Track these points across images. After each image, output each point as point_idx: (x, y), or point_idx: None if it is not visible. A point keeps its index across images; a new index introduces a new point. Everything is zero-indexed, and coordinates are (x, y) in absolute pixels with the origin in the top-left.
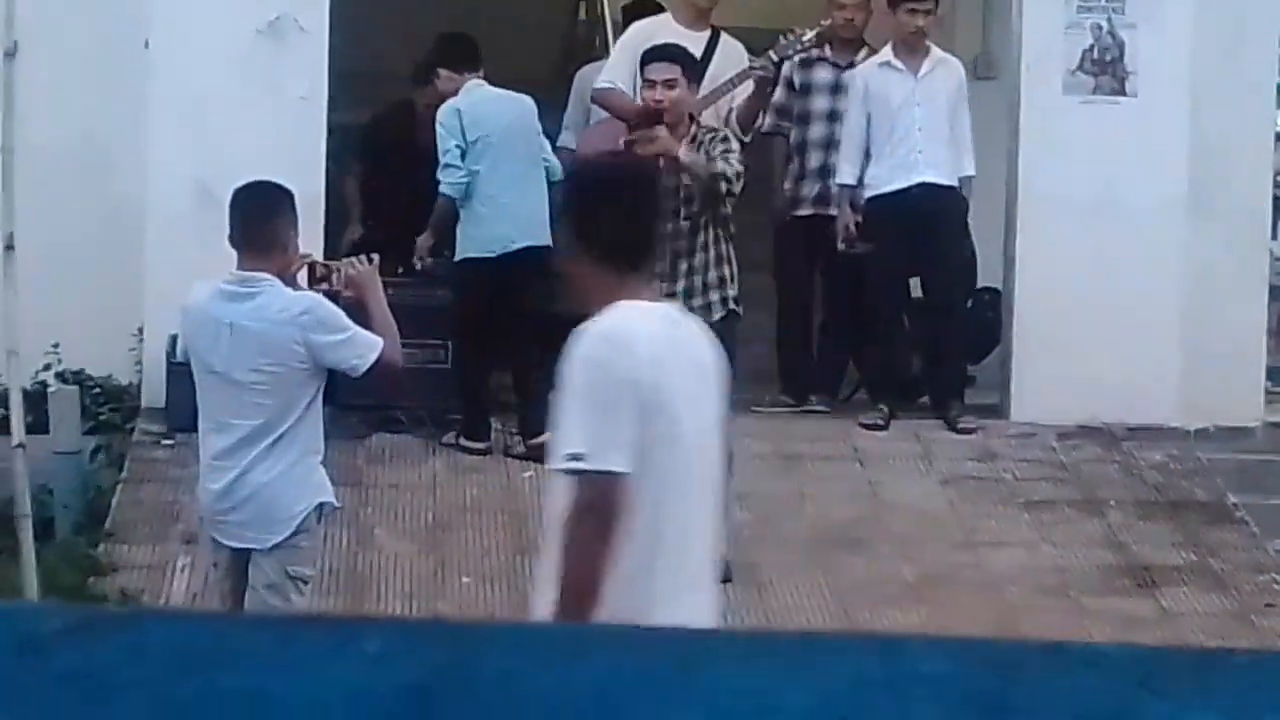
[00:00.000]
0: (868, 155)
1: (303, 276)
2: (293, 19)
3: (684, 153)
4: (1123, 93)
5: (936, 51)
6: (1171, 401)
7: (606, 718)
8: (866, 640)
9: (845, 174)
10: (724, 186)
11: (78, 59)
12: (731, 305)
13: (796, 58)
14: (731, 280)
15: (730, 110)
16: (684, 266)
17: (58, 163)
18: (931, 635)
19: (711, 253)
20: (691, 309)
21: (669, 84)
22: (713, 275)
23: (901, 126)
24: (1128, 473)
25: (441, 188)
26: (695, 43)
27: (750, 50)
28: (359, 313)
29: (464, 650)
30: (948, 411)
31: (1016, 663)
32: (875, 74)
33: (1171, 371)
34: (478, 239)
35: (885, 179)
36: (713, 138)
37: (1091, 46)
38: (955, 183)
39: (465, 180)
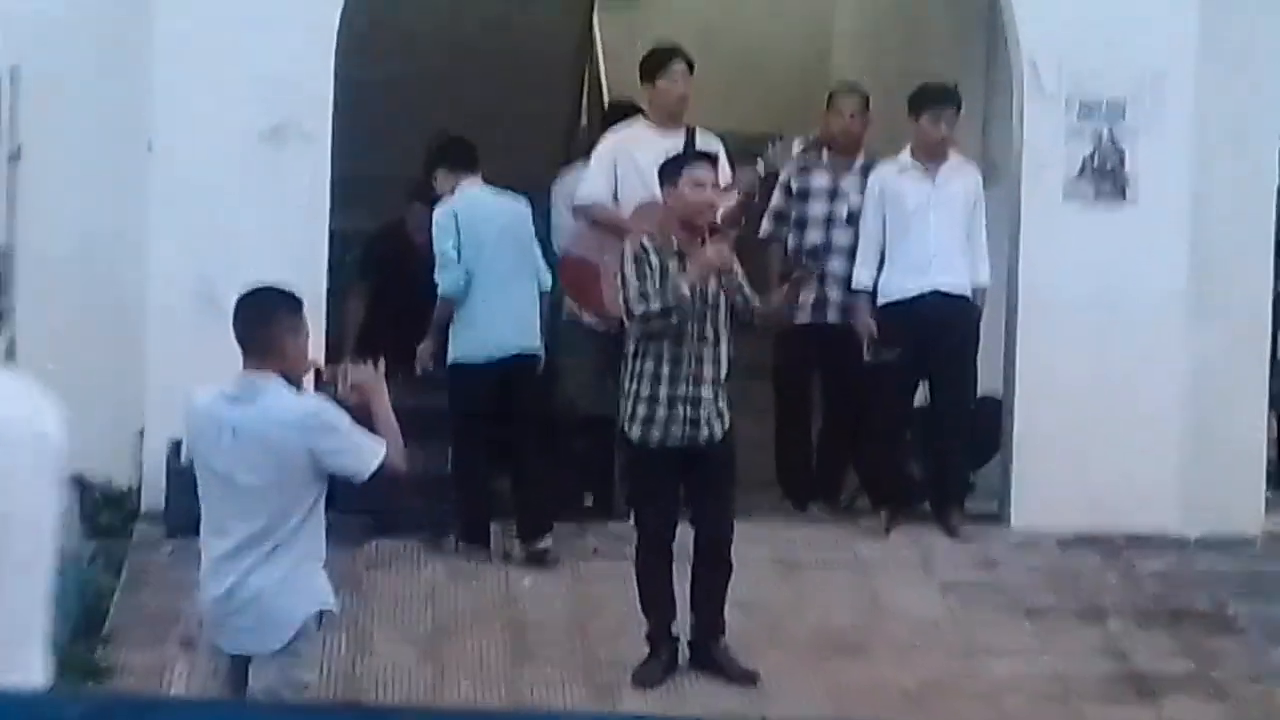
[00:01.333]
0: (881, 259)
1: (308, 382)
2: (296, 123)
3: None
4: (1123, 198)
5: (955, 157)
6: (1172, 509)
7: None
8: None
9: (863, 278)
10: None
11: (81, 160)
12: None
13: (794, 163)
14: None
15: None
16: (709, 373)
17: (59, 264)
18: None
19: (724, 369)
20: (708, 418)
21: (715, 186)
22: (723, 393)
23: (916, 230)
24: (1128, 581)
25: (441, 289)
26: (672, 145)
27: (734, 152)
28: (363, 417)
29: None
30: (949, 519)
31: None
32: (892, 177)
33: (1172, 478)
34: (470, 343)
35: (898, 284)
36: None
37: (1092, 154)
38: (969, 290)
39: (464, 280)
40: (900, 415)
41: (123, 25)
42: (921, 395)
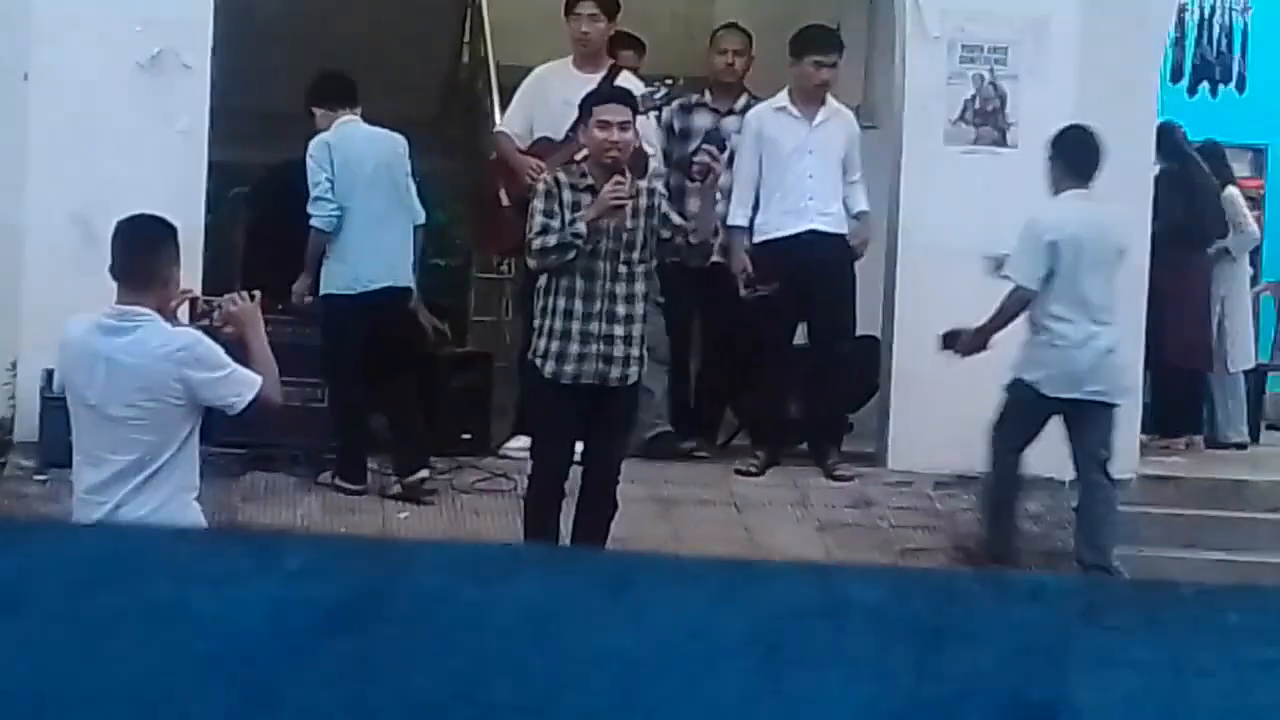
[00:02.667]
0: (756, 200)
1: (183, 312)
2: (175, 54)
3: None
4: (1004, 143)
5: (832, 102)
6: (1047, 452)
7: (537, 637)
8: (802, 567)
9: (738, 216)
10: (679, 239)
11: None
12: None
13: (676, 103)
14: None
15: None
16: (621, 312)
17: None
18: (868, 565)
19: (640, 308)
20: (622, 358)
21: (624, 126)
22: (636, 332)
23: (793, 173)
24: None
25: (312, 221)
26: (588, 84)
27: None
28: (239, 349)
29: (388, 569)
30: (825, 459)
31: (956, 592)
32: (770, 118)
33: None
34: (340, 276)
35: (774, 224)
36: (652, 190)
37: (973, 97)
38: (844, 231)
39: (336, 214)
40: (778, 354)
41: None
42: (800, 334)
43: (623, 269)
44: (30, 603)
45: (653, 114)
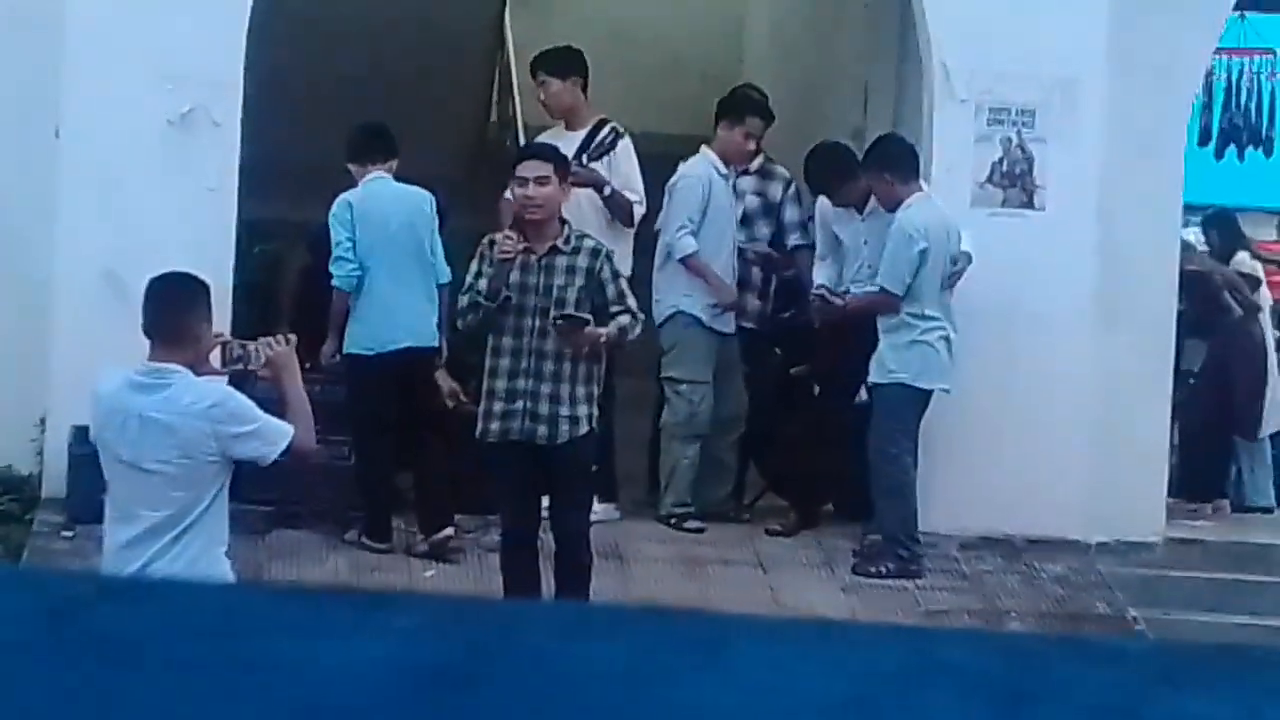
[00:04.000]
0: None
1: (215, 356)
2: (205, 112)
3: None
4: (1031, 206)
5: None
6: (1075, 514)
7: (635, 695)
8: (891, 629)
9: (823, 276)
10: (630, 332)
11: None
12: (593, 424)
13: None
14: (594, 400)
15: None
16: (549, 369)
17: None
18: (951, 627)
19: (582, 368)
20: (548, 416)
21: (540, 180)
22: (581, 391)
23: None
24: (1029, 584)
25: (334, 281)
26: (570, 143)
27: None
28: (268, 396)
29: (494, 628)
30: (860, 542)
31: (1036, 654)
32: (824, 206)
33: (1075, 484)
34: (361, 336)
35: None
36: (596, 253)
37: (1001, 159)
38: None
39: (356, 273)
40: (836, 415)
41: (31, 7)
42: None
43: (550, 326)
44: (149, 659)
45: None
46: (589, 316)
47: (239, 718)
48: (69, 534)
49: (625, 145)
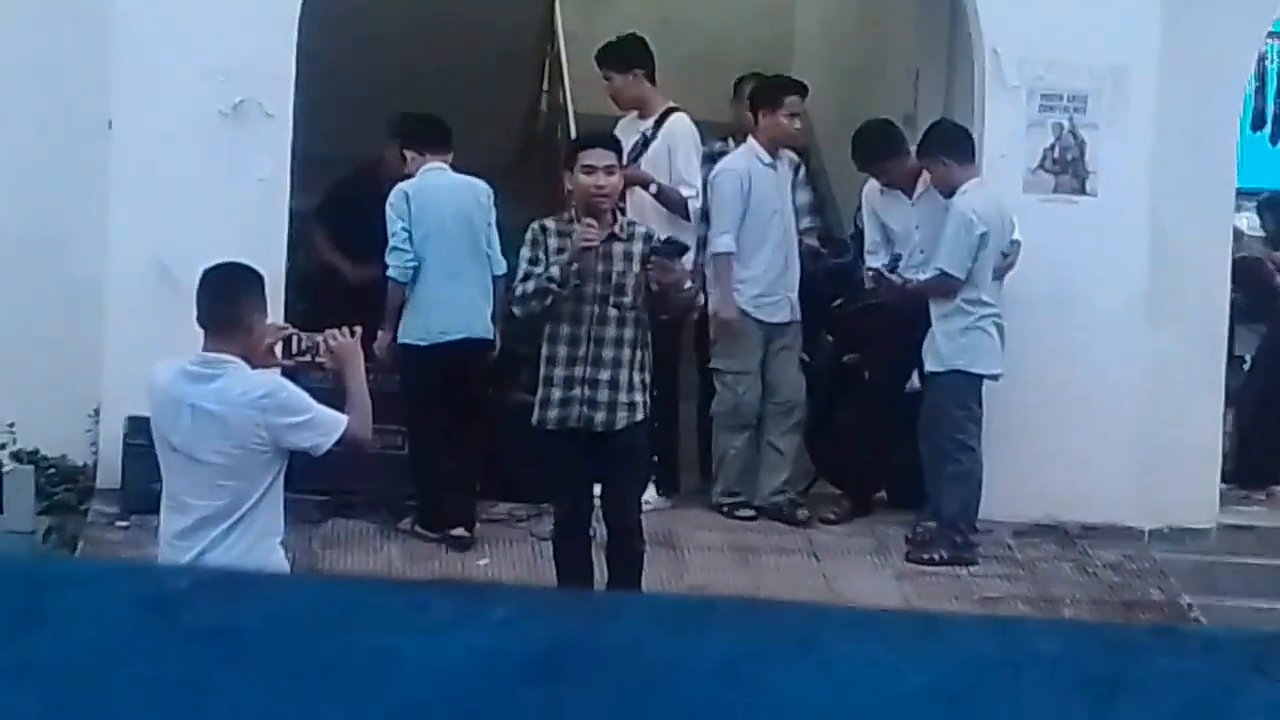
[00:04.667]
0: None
1: (279, 348)
2: (257, 103)
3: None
4: (1083, 192)
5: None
6: (1128, 501)
7: (730, 688)
8: (983, 620)
9: (876, 260)
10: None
11: (40, 136)
12: (647, 411)
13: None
14: (648, 388)
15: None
16: (608, 355)
17: (16, 240)
18: (1045, 617)
19: (632, 353)
20: (607, 402)
21: (608, 170)
22: (636, 377)
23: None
24: (1083, 571)
25: (389, 271)
26: (639, 131)
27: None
28: (327, 387)
29: (590, 619)
30: (914, 528)
31: (1130, 644)
32: (874, 195)
33: (1128, 471)
34: (415, 326)
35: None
36: (649, 238)
37: (1053, 145)
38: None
39: (412, 264)
40: (887, 404)
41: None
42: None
43: (612, 312)
44: (250, 652)
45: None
46: (688, 245)
47: (336, 711)
48: (124, 524)
49: (678, 135)
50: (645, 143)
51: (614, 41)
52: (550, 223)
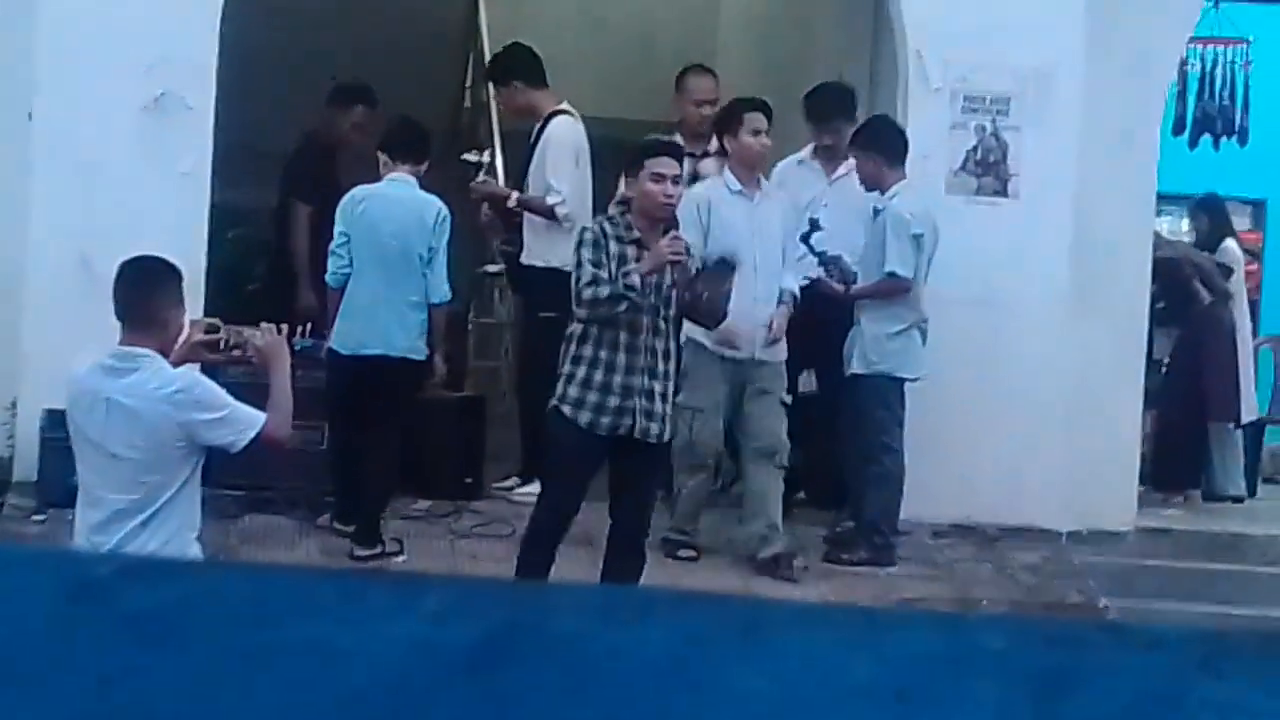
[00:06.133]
0: None
1: (201, 340)
2: (178, 96)
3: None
4: (1005, 194)
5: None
6: (1047, 503)
7: (670, 681)
8: (929, 615)
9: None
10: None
11: None
12: None
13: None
14: None
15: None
16: (661, 368)
17: None
18: (992, 613)
19: (673, 365)
20: (660, 414)
21: (676, 179)
22: (669, 389)
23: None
24: (1001, 573)
25: (326, 275)
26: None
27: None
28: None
29: (526, 610)
30: (833, 529)
31: (1076, 640)
32: (789, 169)
33: (1048, 473)
34: (339, 332)
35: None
36: (687, 250)
37: (975, 147)
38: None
39: (345, 271)
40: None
41: None
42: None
43: (661, 324)
44: (177, 637)
45: None
46: (735, 264)
47: (266, 700)
48: (40, 518)
49: (551, 139)
50: (531, 148)
51: (493, 57)
52: (607, 226)
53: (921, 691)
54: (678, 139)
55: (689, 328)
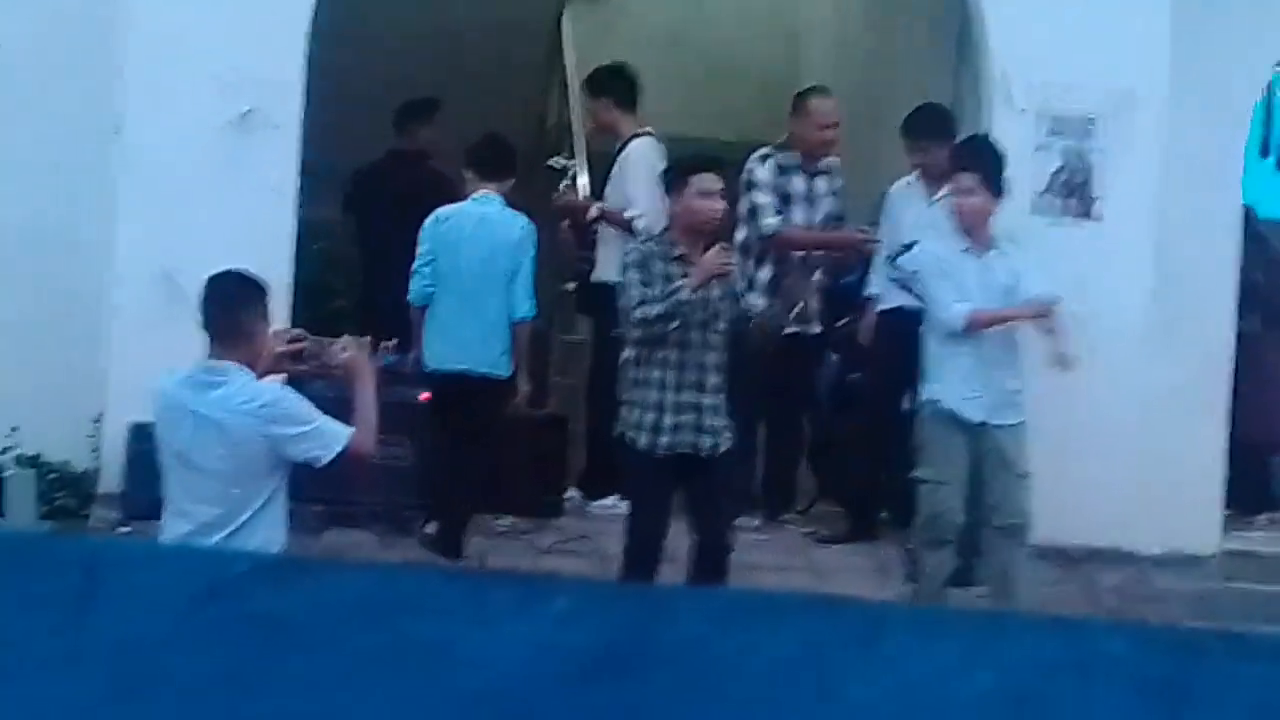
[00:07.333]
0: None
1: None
2: (264, 113)
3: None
4: (1089, 216)
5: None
6: (1129, 526)
7: (791, 686)
8: (1050, 621)
9: (876, 285)
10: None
11: (46, 141)
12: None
13: (770, 163)
14: None
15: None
16: (711, 382)
17: (22, 244)
18: (1113, 619)
19: (722, 378)
20: (712, 427)
21: (722, 194)
22: (721, 401)
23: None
24: (1085, 595)
25: (408, 294)
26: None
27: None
28: (336, 395)
29: (652, 613)
30: (904, 547)
31: (1198, 649)
32: (898, 191)
33: (1131, 495)
34: (426, 349)
35: (894, 295)
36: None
37: (1060, 169)
38: None
39: (428, 289)
40: (889, 423)
41: (93, 6)
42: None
43: (711, 338)
44: (309, 636)
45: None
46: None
47: (389, 698)
48: (125, 529)
49: (631, 158)
50: (609, 167)
51: (597, 69)
52: (654, 245)
53: (1042, 698)
54: (795, 157)
55: (929, 391)
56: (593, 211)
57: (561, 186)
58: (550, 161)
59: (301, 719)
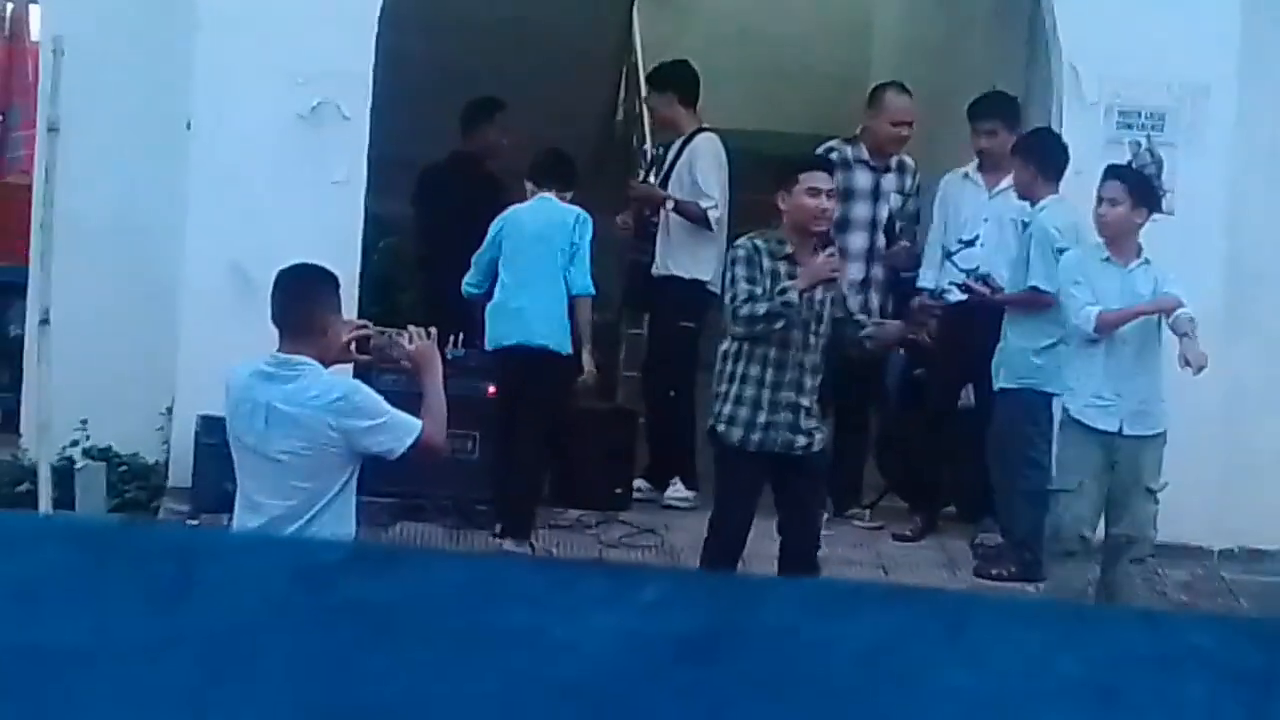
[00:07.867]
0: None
1: (353, 345)
2: (334, 106)
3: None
4: (1160, 210)
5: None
6: (1199, 521)
7: (876, 675)
8: (1136, 612)
9: (927, 279)
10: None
11: (120, 135)
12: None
13: (834, 157)
14: None
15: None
16: (809, 383)
17: (94, 239)
18: (1198, 611)
19: (818, 380)
20: (806, 427)
21: (830, 194)
22: (816, 402)
23: (968, 238)
24: (1152, 589)
25: (463, 283)
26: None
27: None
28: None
29: (740, 602)
30: (971, 542)
31: None
32: (953, 182)
33: (1200, 490)
34: (489, 332)
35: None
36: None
37: (1130, 163)
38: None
39: (474, 289)
40: (951, 417)
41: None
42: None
43: (811, 339)
44: (401, 624)
45: None
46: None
47: (482, 687)
48: (194, 522)
49: (699, 151)
50: (672, 161)
51: (660, 64)
52: (760, 242)
53: (1128, 691)
54: (864, 152)
55: (1065, 398)
56: (669, 205)
57: (640, 174)
58: (645, 147)
59: (394, 707)
